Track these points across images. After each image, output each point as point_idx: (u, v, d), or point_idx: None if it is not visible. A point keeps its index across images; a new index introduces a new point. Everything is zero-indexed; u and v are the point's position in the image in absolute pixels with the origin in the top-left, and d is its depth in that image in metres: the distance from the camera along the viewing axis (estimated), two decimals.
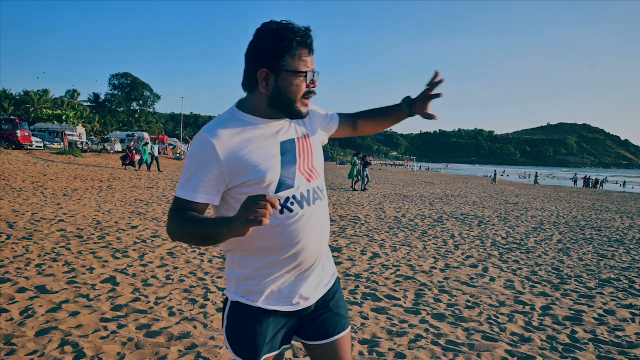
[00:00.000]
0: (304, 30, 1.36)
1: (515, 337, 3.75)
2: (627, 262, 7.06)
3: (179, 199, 1.36)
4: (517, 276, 5.76)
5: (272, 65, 1.35)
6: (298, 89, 1.38)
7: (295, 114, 1.42)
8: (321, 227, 1.49)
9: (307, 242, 1.43)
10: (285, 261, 1.43)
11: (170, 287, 4.51)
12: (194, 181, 1.34)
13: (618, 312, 4.52)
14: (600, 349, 3.60)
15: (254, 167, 1.36)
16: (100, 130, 66.10)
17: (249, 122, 1.41)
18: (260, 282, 1.44)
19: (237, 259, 1.47)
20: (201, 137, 1.36)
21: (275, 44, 1.34)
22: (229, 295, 1.49)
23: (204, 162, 1.34)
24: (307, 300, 1.50)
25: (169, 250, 6.09)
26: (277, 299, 1.45)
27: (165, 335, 3.38)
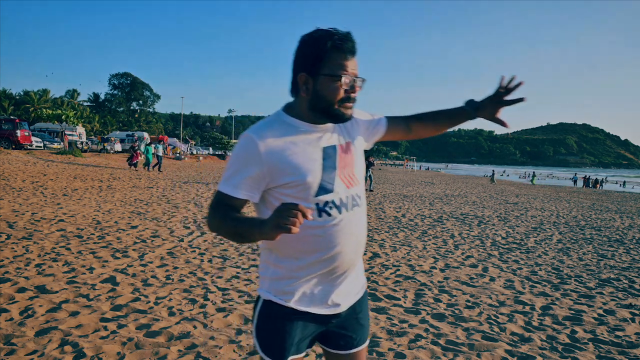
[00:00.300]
0: (343, 35, 1.37)
1: (515, 337, 3.75)
2: (627, 262, 7.06)
3: (221, 193, 1.41)
4: (517, 276, 5.76)
5: (310, 70, 1.39)
6: (336, 92, 1.39)
7: (336, 118, 1.43)
8: (358, 234, 1.49)
9: (343, 248, 1.44)
10: (320, 264, 1.43)
11: (170, 287, 4.51)
12: (236, 178, 1.39)
13: (618, 312, 4.52)
14: (600, 349, 3.60)
15: (295, 169, 1.38)
16: (100, 130, 66.16)
17: (293, 125, 1.44)
18: (294, 283, 1.45)
19: (272, 258, 1.48)
20: (246, 137, 1.40)
21: (313, 49, 1.38)
22: (262, 293, 1.51)
23: (247, 161, 1.38)
24: (338, 307, 1.50)
25: (169, 250, 6.09)
26: (309, 301, 1.46)
27: (165, 335, 3.38)
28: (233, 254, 6.11)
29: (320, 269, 1.44)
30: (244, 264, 5.61)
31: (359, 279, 1.59)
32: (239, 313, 3.91)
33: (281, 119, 1.46)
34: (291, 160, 1.39)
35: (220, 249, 6.31)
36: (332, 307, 1.49)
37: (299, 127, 1.44)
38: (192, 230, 7.64)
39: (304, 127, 1.44)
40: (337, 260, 1.44)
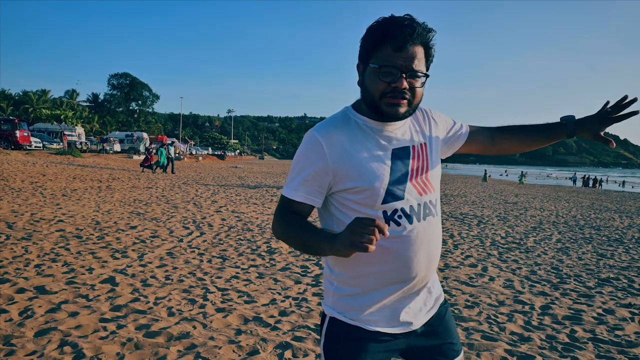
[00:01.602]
0: (397, 22, 1.22)
1: (514, 337, 3.75)
2: (627, 261, 7.06)
3: (284, 198, 1.34)
4: (517, 276, 5.76)
5: (363, 60, 1.30)
6: (376, 85, 1.25)
7: (382, 113, 1.28)
8: (431, 246, 1.36)
9: (414, 261, 1.32)
10: (388, 278, 1.32)
11: (169, 288, 4.51)
12: (297, 180, 1.31)
13: (617, 311, 4.53)
14: (599, 349, 3.60)
15: (360, 173, 1.28)
16: (100, 130, 66.15)
17: (359, 123, 1.33)
18: (360, 300, 1.35)
19: (336, 272, 1.39)
20: (310, 136, 1.31)
21: (367, 37, 1.28)
22: (327, 310, 1.41)
23: (310, 161, 1.29)
24: (409, 325, 1.38)
25: (168, 250, 6.08)
26: (377, 319, 1.35)
27: (164, 336, 3.38)
28: (232, 254, 6.10)
29: (388, 283, 1.32)
30: (243, 264, 5.61)
31: (432, 293, 1.46)
32: (239, 313, 3.91)
33: (347, 116, 1.35)
34: (357, 163, 1.28)
35: (220, 249, 6.31)
36: (404, 326, 1.37)
37: (366, 125, 1.33)
38: (191, 230, 7.63)
39: (371, 125, 1.33)
40: (406, 274, 1.32)
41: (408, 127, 1.39)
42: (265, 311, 4.02)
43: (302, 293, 4.60)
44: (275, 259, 5.96)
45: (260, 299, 4.33)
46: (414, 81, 1.26)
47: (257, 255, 6.11)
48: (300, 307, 4.16)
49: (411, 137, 1.38)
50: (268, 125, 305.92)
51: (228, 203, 11.89)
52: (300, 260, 5.98)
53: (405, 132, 1.37)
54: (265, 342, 3.35)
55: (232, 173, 29.16)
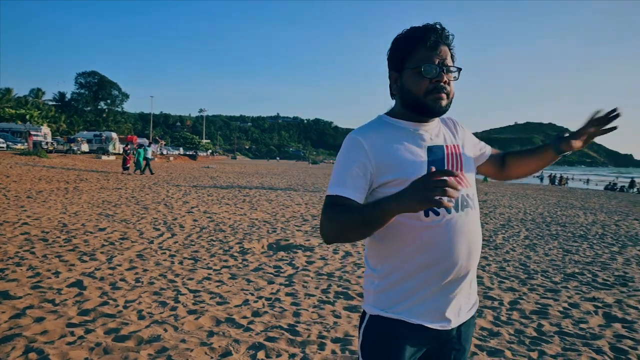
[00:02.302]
0: (425, 28, 1.36)
1: (484, 332, 3.83)
2: (591, 257, 7.29)
3: (329, 197, 1.34)
4: (486, 272, 5.88)
5: (398, 67, 1.41)
6: (419, 84, 1.35)
7: (428, 111, 1.38)
8: (471, 237, 1.39)
9: (454, 250, 1.35)
10: (429, 269, 1.34)
11: (139, 290, 4.43)
12: (342, 177, 1.34)
13: (582, 305, 4.67)
14: (565, 341, 3.71)
15: (399, 165, 1.34)
16: (67, 130, 64.35)
17: (396, 125, 1.42)
18: (402, 293, 1.36)
19: (377, 269, 1.41)
20: (350, 138, 1.38)
21: (399, 46, 1.39)
22: (367, 309, 1.43)
23: (353, 158, 1.34)
24: (449, 322, 1.40)
25: (139, 252, 5.98)
26: (420, 312, 1.36)
27: (134, 340, 3.32)
28: (204, 255, 6.04)
29: (429, 274, 1.34)
30: (215, 265, 5.56)
31: (472, 294, 1.48)
32: (211, 315, 3.87)
33: (382, 120, 1.44)
34: (395, 156, 1.35)
35: (191, 251, 6.24)
36: (444, 322, 1.39)
37: (401, 126, 1.42)
38: (162, 231, 7.52)
39: (407, 126, 1.42)
40: (447, 264, 1.34)
41: (440, 130, 1.47)
42: (237, 312, 4.00)
43: (275, 293, 4.59)
44: (248, 260, 5.93)
45: (233, 300, 4.30)
46: (449, 76, 1.37)
47: (230, 256, 6.07)
48: (274, 308, 4.15)
49: (444, 138, 1.46)
50: (240, 124, 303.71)
51: (200, 204, 11.76)
52: (274, 261, 5.96)
53: (439, 134, 1.46)
54: (237, 344, 3.33)
55: (204, 173, 28.84)
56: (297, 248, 6.82)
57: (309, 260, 6.09)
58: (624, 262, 6.93)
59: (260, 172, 36.36)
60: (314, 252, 6.55)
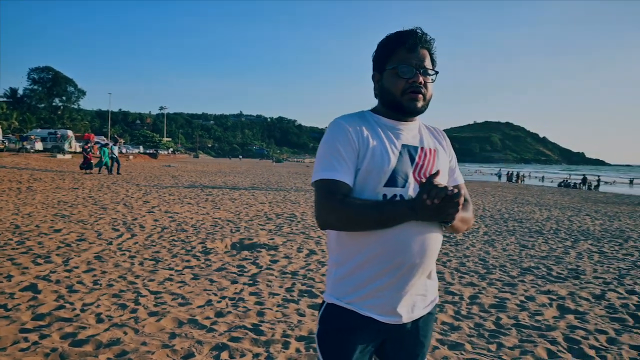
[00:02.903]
0: (404, 31, 1.44)
1: (445, 327, 3.91)
2: (546, 251, 7.57)
3: (324, 182, 1.37)
4: (447, 268, 6.01)
5: (379, 68, 1.48)
6: (396, 83, 1.42)
7: (403, 109, 1.45)
8: (427, 236, 1.40)
9: (408, 246, 1.37)
10: (384, 261, 1.37)
11: (98, 293, 4.30)
12: (333, 161, 1.37)
13: (538, 298, 4.84)
14: (522, 333, 3.83)
15: (373, 154, 1.39)
16: (19, 127, 61.73)
17: (376, 120, 1.48)
18: (356, 283, 1.40)
19: (335, 257, 1.46)
20: (336, 122, 1.44)
21: (381, 49, 1.47)
22: (325, 297, 1.48)
23: (341, 142, 1.39)
24: (400, 317, 1.43)
25: (97, 254, 5.80)
26: (371, 305, 1.40)
27: (93, 344, 3.22)
28: (165, 256, 5.92)
29: (383, 267, 1.37)
30: (177, 265, 5.46)
31: (429, 291, 1.51)
32: (173, 316, 3.80)
33: (365, 114, 1.51)
34: (372, 146, 1.40)
35: (152, 251, 6.10)
36: (395, 317, 1.42)
37: (382, 122, 1.48)
38: (121, 232, 7.32)
39: (386, 122, 1.48)
40: (400, 258, 1.37)
41: (419, 132, 1.52)
42: (200, 313, 3.94)
43: (239, 293, 4.55)
44: (211, 260, 5.85)
45: (196, 301, 4.23)
46: (426, 78, 1.44)
47: (192, 256, 5.97)
48: (237, 307, 4.11)
49: (421, 140, 1.51)
50: (203, 122, 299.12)
51: (161, 203, 11.52)
52: (237, 260, 5.91)
53: (416, 135, 1.51)
54: (200, 345, 3.28)
55: (165, 172, 28.27)
56: (261, 247, 6.78)
57: (273, 259, 6.07)
58: (577, 256, 7.23)
59: (223, 170, 35.94)
60: (278, 251, 6.53)
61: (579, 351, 3.52)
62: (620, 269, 6.43)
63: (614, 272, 6.18)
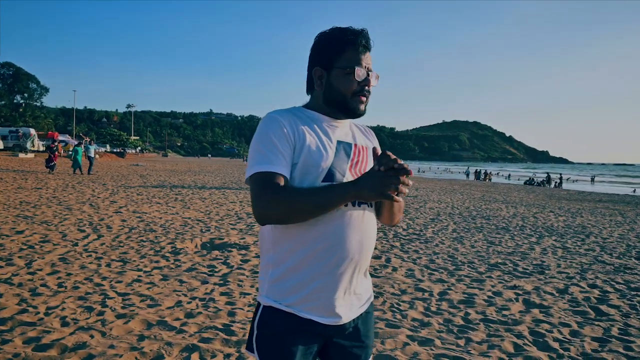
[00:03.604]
0: (356, 31, 1.41)
1: (415, 323, 3.96)
2: (512, 247, 7.76)
3: (261, 175, 1.31)
4: (417, 265, 6.09)
5: (325, 64, 1.42)
6: (349, 84, 1.40)
7: (350, 111, 1.44)
8: (365, 232, 1.40)
9: (346, 242, 1.35)
10: (323, 258, 1.34)
11: (63, 296, 4.18)
12: (269, 154, 1.32)
13: (505, 293, 4.96)
14: (490, 328, 3.92)
15: (310, 150, 1.36)
16: None
17: (310, 116, 1.45)
18: (295, 284, 1.35)
19: (271, 255, 1.41)
20: (270, 117, 1.38)
21: (328, 44, 1.42)
22: (261, 299, 1.41)
23: (277, 136, 1.34)
24: (340, 318, 1.40)
25: (61, 255, 5.64)
26: (312, 307, 1.36)
27: (57, 348, 3.13)
28: (134, 256, 5.80)
29: (322, 264, 1.34)
30: (145, 266, 5.36)
31: (365, 290, 1.49)
32: (141, 318, 3.73)
33: (298, 110, 1.46)
34: (308, 140, 1.37)
35: (120, 252, 5.97)
36: (335, 318, 1.39)
37: (316, 118, 1.45)
38: (87, 233, 7.14)
39: (321, 119, 1.45)
40: (339, 255, 1.35)
41: (350, 129, 1.52)
42: (170, 314, 3.88)
43: (210, 293, 4.50)
44: (181, 260, 5.77)
45: (165, 302, 4.16)
46: (373, 81, 1.45)
47: (161, 257, 5.87)
48: (208, 308, 4.07)
49: (354, 137, 1.50)
50: (171, 121, 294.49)
51: (129, 203, 11.28)
52: (207, 260, 5.84)
53: (348, 133, 1.50)
54: (170, 347, 3.23)
55: (133, 171, 27.70)
56: (231, 247, 6.72)
57: (244, 258, 6.02)
58: (541, 252, 7.44)
59: (192, 170, 35.45)
60: (249, 251, 6.49)
61: (543, 344, 3.62)
62: (582, 263, 6.65)
63: (576, 267, 6.39)
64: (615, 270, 6.29)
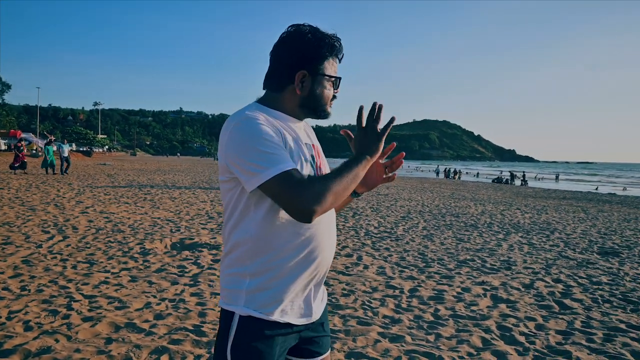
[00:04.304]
0: (337, 39, 1.42)
1: (386, 320, 4.00)
2: (480, 244, 7.92)
3: (285, 173, 1.21)
4: (388, 262, 6.15)
5: (312, 69, 1.39)
6: (328, 93, 1.43)
7: (324, 116, 1.46)
8: (331, 233, 1.44)
9: (321, 245, 1.37)
10: (304, 265, 1.34)
11: (26, 299, 4.05)
12: (278, 152, 1.25)
13: (473, 289, 5.05)
14: (458, 323, 3.99)
15: (291, 150, 1.34)
16: None
17: (280, 117, 1.40)
18: (276, 293, 1.33)
19: (248, 266, 1.33)
20: (248, 118, 1.29)
21: (317, 48, 1.38)
22: (238, 310, 1.33)
23: (270, 135, 1.27)
24: (314, 314, 1.42)
25: (24, 258, 5.46)
26: (290, 310, 1.36)
27: (20, 354, 3.03)
28: (101, 258, 5.67)
29: (302, 270, 1.34)
30: (113, 268, 5.24)
31: (324, 285, 1.53)
32: (109, 321, 3.65)
33: (264, 109, 1.38)
34: (288, 142, 1.34)
35: (86, 254, 5.83)
36: (309, 317, 1.41)
37: (286, 119, 1.41)
38: (52, 234, 6.94)
39: (291, 120, 1.42)
40: (317, 260, 1.36)
41: (304, 130, 1.50)
42: (139, 316, 3.81)
43: (180, 294, 4.44)
44: (150, 261, 5.67)
45: (134, 304, 4.08)
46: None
47: (130, 258, 5.76)
48: (178, 309, 4.01)
49: (309, 137, 1.50)
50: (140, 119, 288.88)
51: (95, 203, 11.02)
52: (177, 261, 5.76)
53: (304, 133, 1.48)
54: (139, 349, 3.17)
55: (100, 171, 27.06)
56: (202, 247, 6.65)
57: (215, 258, 5.96)
58: (508, 248, 7.62)
59: (162, 169, 34.87)
60: (220, 250, 6.43)
61: (510, 338, 3.71)
62: (547, 259, 6.84)
63: (541, 263, 6.57)
64: (578, 265, 6.50)
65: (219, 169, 1.36)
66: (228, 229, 1.38)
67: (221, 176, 1.36)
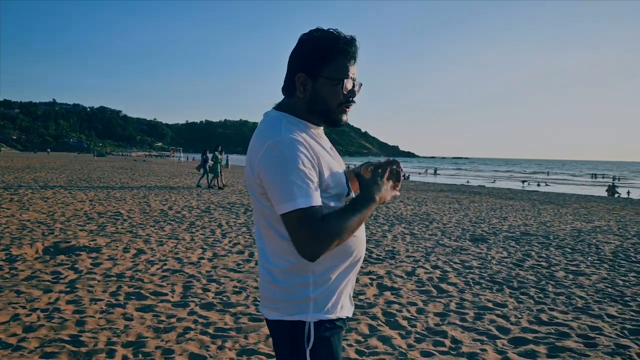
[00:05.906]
0: (347, 39, 1.34)
1: None
2: (367, 236, 8.27)
3: (305, 210, 1.22)
4: None
5: (311, 71, 1.34)
6: (335, 95, 1.35)
7: (334, 122, 1.40)
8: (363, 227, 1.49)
9: (364, 242, 1.46)
10: (352, 264, 1.41)
11: None
12: (306, 185, 1.23)
13: (361, 279, 5.28)
14: None
15: (331, 170, 1.35)
16: None
17: (305, 126, 1.38)
18: (337, 293, 1.39)
19: (310, 276, 1.34)
20: (289, 139, 1.26)
21: (315, 50, 1.33)
22: (308, 318, 1.34)
23: (305, 164, 1.25)
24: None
25: None
26: (346, 305, 1.44)
27: None
28: None
29: (353, 267, 1.42)
30: None
31: None
32: None
33: (293, 121, 1.36)
34: (326, 160, 1.34)
35: None
36: (353, 306, 1.51)
37: (310, 128, 1.39)
38: None
39: (315, 129, 1.40)
40: (361, 256, 1.45)
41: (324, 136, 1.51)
42: (4, 330, 3.43)
43: (54, 303, 4.07)
44: (18, 268, 5.12)
45: None
46: (358, 92, 1.42)
47: None
48: (52, 319, 3.68)
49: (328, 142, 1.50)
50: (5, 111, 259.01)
51: None
52: (51, 266, 5.27)
53: (326, 140, 1.48)
54: None
55: None
56: (80, 250, 6.15)
57: (95, 262, 5.56)
58: (392, 239, 8.07)
59: (33, 166, 31.60)
60: (101, 253, 6.01)
61: (394, 323, 3.94)
62: (427, 247, 7.37)
63: (422, 251, 7.06)
64: (453, 252, 7.09)
65: (248, 180, 1.36)
66: (278, 240, 1.34)
67: (258, 187, 1.32)
